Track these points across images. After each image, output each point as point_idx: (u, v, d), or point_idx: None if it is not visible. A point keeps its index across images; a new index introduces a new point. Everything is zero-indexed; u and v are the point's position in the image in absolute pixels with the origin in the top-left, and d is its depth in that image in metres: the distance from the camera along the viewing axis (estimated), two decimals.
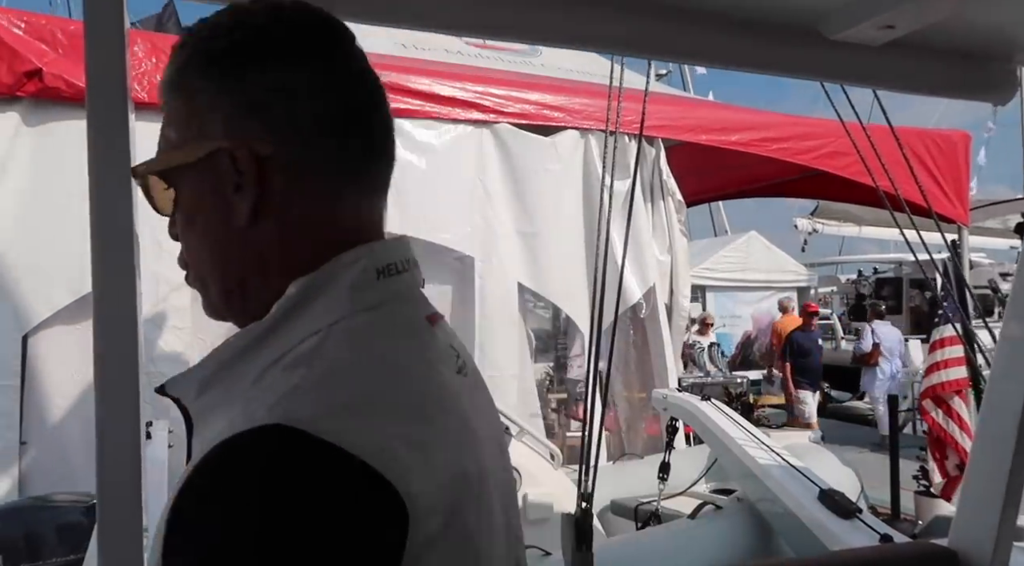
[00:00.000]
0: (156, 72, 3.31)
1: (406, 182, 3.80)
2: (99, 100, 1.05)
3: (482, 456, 0.63)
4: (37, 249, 3.06)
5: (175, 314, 3.23)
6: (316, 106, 0.64)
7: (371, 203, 0.71)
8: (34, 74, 3.07)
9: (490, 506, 0.63)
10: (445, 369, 0.67)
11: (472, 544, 0.59)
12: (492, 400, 0.80)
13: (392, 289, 0.67)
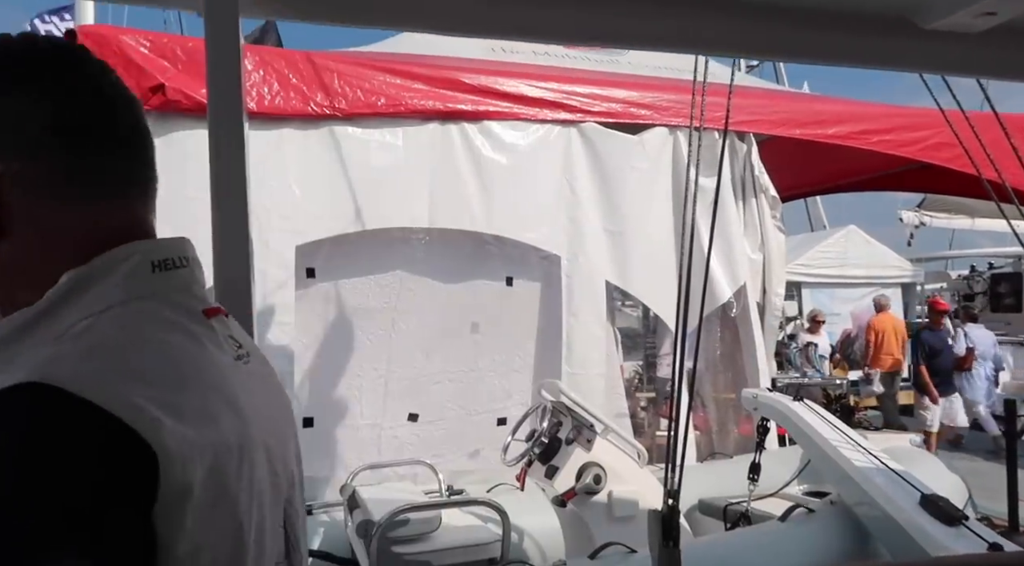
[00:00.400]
0: (264, 84, 3.53)
1: (494, 182, 3.90)
2: (218, 112, 1.15)
3: (248, 431, 0.69)
4: None
5: (281, 309, 3.44)
6: (43, 122, 0.67)
7: (134, 204, 0.76)
8: (158, 89, 3.33)
9: (253, 476, 0.68)
10: (219, 354, 0.73)
11: (231, 505, 0.64)
12: (279, 389, 0.88)
13: (167, 282, 0.72)
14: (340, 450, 3.67)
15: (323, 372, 3.67)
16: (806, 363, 7.92)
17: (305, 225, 3.55)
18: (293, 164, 3.56)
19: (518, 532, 3.09)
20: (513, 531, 2.84)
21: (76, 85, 0.71)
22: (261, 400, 0.77)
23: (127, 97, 0.77)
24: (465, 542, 2.63)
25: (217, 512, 0.64)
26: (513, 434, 3.02)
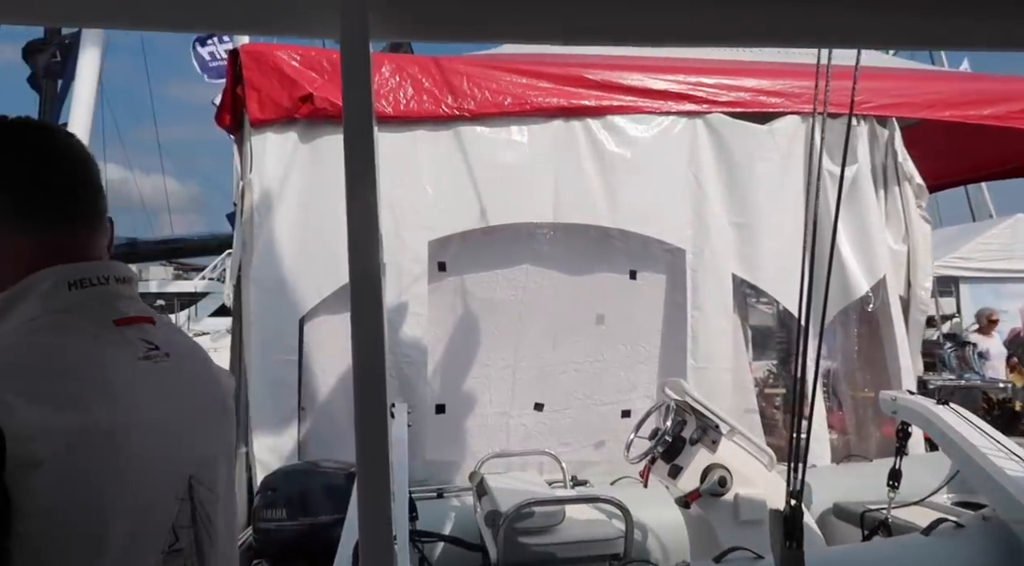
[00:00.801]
0: (399, 89, 3.77)
1: (617, 177, 3.94)
2: (352, 123, 1.26)
3: (129, 418, 0.85)
4: (311, 245, 3.64)
5: (415, 302, 3.67)
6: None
7: (63, 234, 0.94)
8: (307, 98, 3.64)
9: (130, 455, 0.84)
10: (117, 354, 0.89)
11: (93, 478, 0.79)
12: (203, 384, 1.03)
13: (81, 298, 0.90)
14: (470, 437, 3.85)
15: (454, 361, 3.87)
16: (963, 365, 7.32)
17: (436, 221, 3.75)
18: (425, 164, 3.77)
19: (641, 529, 3.12)
20: (637, 528, 2.88)
21: (31, 155, 0.95)
22: (165, 392, 0.93)
23: (76, 159, 0.99)
24: (589, 537, 2.70)
25: (73, 482, 0.78)
26: (636, 431, 3.05)
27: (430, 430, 3.71)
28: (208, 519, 0.96)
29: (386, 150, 3.73)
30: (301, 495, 2.36)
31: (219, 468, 1.01)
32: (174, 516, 0.92)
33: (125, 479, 0.85)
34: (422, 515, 2.98)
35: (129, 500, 0.84)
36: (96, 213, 1.00)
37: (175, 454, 0.93)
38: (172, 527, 0.91)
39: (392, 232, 3.68)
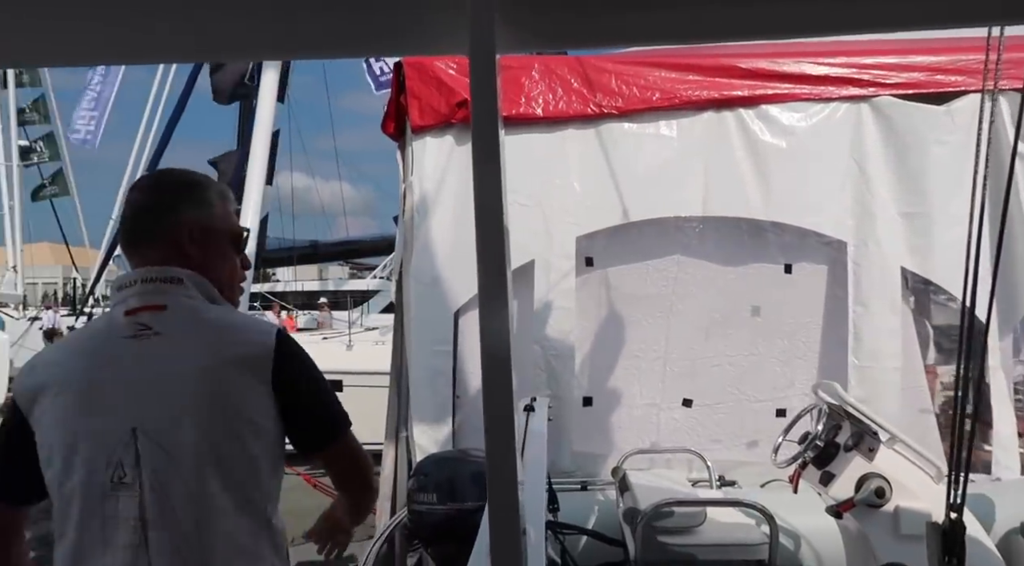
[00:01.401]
0: (549, 91, 3.88)
1: (771, 168, 3.81)
2: (480, 132, 1.35)
3: (92, 374, 1.28)
4: (464, 244, 3.86)
5: (563, 296, 3.78)
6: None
7: (136, 254, 1.41)
8: (462, 104, 3.86)
9: (87, 401, 1.24)
10: (114, 332, 1.32)
11: (48, 418, 1.26)
12: (179, 360, 1.30)
13: (117, 296, 1.36)
14: (617, 430, 3.90)
15: (601, 355, 3.93)
16: None
17: (584, 218, 3.84)
18: (574, 162, 3.86)
19: (789, 537, 3.02)
20: (783, 535, 2.79)
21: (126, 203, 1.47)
22: (141, 361, 1.28)
23: (138, 203, 1.46)
24: (731, 541, 2.65)
25: (42, 422, 1.26)
26: (785, 434, 2.95)
27: (577, 422, 3.80)
28: (155, 471, 1.22)
29: (537, 150, 3.87)
30: (450, 481, 2.44)
31: (178, 430, 1.23)
32: (119, 453, 1.24)
33: (77, 418, 1.26)
34: (566, 507, 3.05)
35: (87, 428, 1.25)
36: (150, 234, 1.41)
37: (124, 405, 1.26)
38: (119, 462, 1.23)
39: (542, 230, 3.82)
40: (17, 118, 23.77)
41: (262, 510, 1.29)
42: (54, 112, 24.45)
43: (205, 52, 1.57)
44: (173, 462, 1.21)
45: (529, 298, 3.81)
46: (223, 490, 1.24)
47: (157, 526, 1.19)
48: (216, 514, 1.23)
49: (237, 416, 1.27)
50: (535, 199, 3.82)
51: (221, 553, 1.23)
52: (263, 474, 1.30)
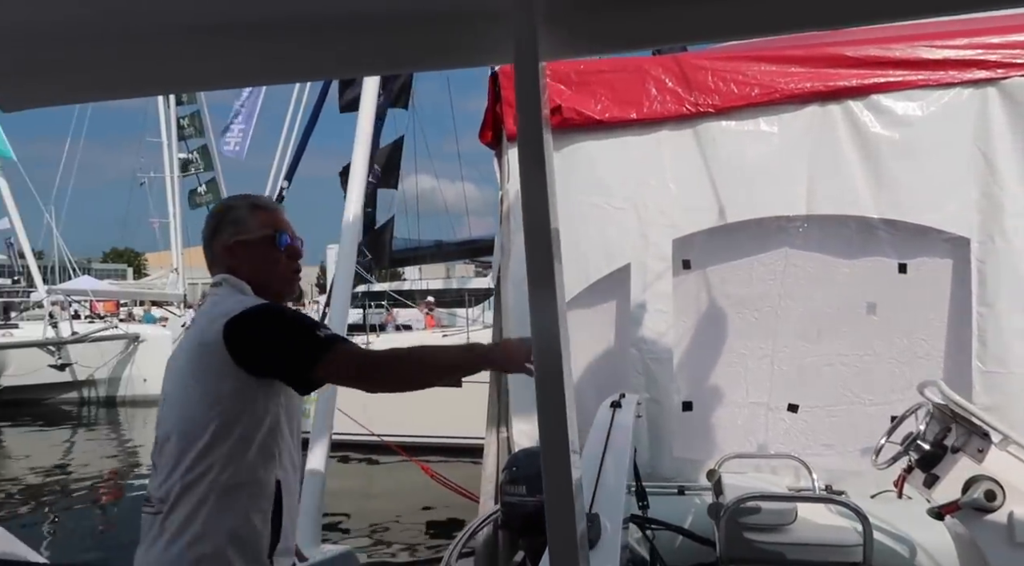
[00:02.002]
0: (643, 92, 3.86)
1: (883, 161, 3.60)
2: (526, 139, 1.39)
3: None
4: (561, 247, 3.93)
5: (659, 299, 3.76)
6: None
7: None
8: (556, 110, 3.93)
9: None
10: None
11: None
12: (192, 341, 1.65)
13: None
14: (719, 435, 3.83)
15: (702, 358, 3.88)
16: None
17: (681, 219, 3.79)
18: (670, 163, 3.83)
19: (888, 540, 2.87)
20: (882, 538, 2.67)
21: None
22: (181, 344, 1.70)
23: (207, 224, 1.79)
24: (822, 540, 2.57)
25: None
26: (889, 435, 2.81)
27: (676, 427, 3.77)
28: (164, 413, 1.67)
29: (631, 153, 3.87)
30: (538, 474, 2.56)
31: (172, 382, 1.67)
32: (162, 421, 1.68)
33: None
34: (662, 510, 3.06)
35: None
36: (208, 258, 1.76)
37: (168, 375, 1.68)
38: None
39: (637, 232, 3.81)
40: (177, 133, 26.21)
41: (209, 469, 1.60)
42: (208, 126, 26.75)
43: (277, 74, 1.74)
44: (166, 405, 1.67)
45: (625, 301, 3.83)
46: (187, 456, 1.59)
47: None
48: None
49: (195, 388, 1.62)
50: (630, 202, 3.82)
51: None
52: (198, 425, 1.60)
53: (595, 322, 3.92)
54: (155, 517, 1.55)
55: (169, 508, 1.54)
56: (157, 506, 1.56)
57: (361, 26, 1.36)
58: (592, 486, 2.30)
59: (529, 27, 1.35)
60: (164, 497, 1.55)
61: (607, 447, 2.44)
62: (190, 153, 26.60)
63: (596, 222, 3.86)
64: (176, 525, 1.53)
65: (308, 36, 1.38)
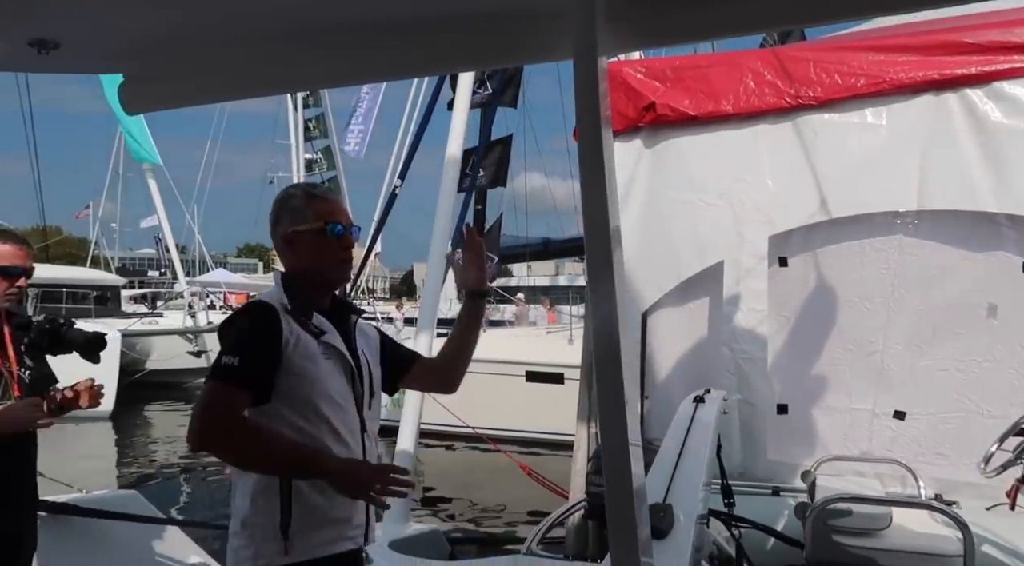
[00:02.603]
0: (740, 85, 3.77)
1: (1006, 153, 3.35)
2: (586, 133, 1.42)
3: None
4: (653, 245, 3.91)
5: (753, 297, 3.67)
6: None
7: None
8: (650, 107, 3.91)
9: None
10: None
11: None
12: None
13: None
14: (818, 438, 3.69)
15: (799, 359, 3.75)
16: None
17: (778, 215, 3.68)
18: (767, 158, 3.73)
19: (1000, 553, 2.68)
20: (992, 551, 2.50)
21: None
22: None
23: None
24: (918, 548, 2.45)
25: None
26: (1001, 443, 2.63)
27: (771, 429, 3.67)
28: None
29: (726, 148, 3.80)
30: None
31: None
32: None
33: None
34: (754, 511, 3.01)
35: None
36: (274, 241, 1.82)
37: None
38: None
39: (731, 229, 3.74)
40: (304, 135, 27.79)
41: None
42: (331, 128, 28.20)
43: (365, 74, 1.85)
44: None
45: (717, 299, 3.76)
46: None
47: None
48: None
49: None
50: (724, 198, 3.75)
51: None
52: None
53: (685, 320, 3.88)
54: None
55: None
56: None
57: (433, 27, 1.45)
58: (668, 478, 2.31)
59: (588, 23, 1.38)
60: None
61: (686, 441, 2.43)
62: (315, 153, 28.13)
63: (688, 219, 3.81)
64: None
65: (389, 38, 1.49)
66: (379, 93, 24.07)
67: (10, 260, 2.25)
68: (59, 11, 1.37)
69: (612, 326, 1.41)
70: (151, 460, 10.50)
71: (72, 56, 1.52)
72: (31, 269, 2.31)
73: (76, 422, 10.84)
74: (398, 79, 8.95)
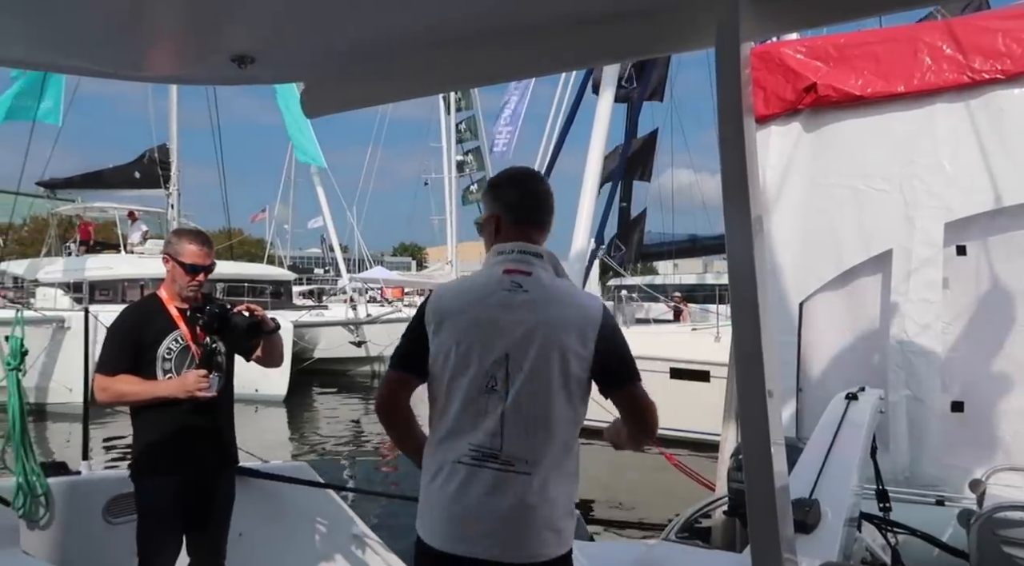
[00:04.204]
0: (913, 63, 3.52)
1: None
2: (727, 119, 1.40)
3: (480, 313, 1.72)
4: (813, 233, 3.74)
5: (925, 288, 3.41)
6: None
7: (514, 230, 1.83)
8: (810, 88, 3.74)
9: (474, 327, 1.72)
10: (492, 286, 1.74)
11: (447, 334, 1.72)
12: (534, 307, 1.73)
13: (497, 259, 1.78)
14: (997, 442, 3.37)
15: (978, 355, 3.44)
16: None
17: (956, 201, 3.41)
18: (944, 139, 3.46)
19: None
20: None
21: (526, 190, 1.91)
22: (508, 307, 1.72)
23: (542, 197, 1.91)
24: None
25: (441, 335, 1.72)
26: None
27: (941, 430, 3.40)
28: (514, 379, 1.70)
29: (896, 130, 3.57)
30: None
31: (529, 352, 1.70)
32: (494, 369, 1.70)
33: (468, 339, 1.72)
34: (916, 519, 2.81)
35: (469, 349, 1.71)
36: (540, 220, 1.86)
37: (498, 337, 1.71)
38: (494, 374, 1.70)
39: (901, 216, 3.50)
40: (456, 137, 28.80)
41: (574, 416, 1.75)
42: (481, 129, 29.00)
43: (513, 71, 1.95)
44: (530, 379, 1.71)
45: (884, 290, 3.54)
46: (562, 401, 1.73)
47: (511, 420, 1.69)
48: (553, 413, 1.72)
49: (565, 358, 1.73)
50: (894, 183, 3.52)
51: (552, 439, 1.71)
52: (576, 396, 1.74)
53: (847, 312, 3.68)
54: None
55: None
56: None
57: (575, 22, 1.50)
58: (814, 476, 2.23)
59: (731, 9, 1.38)
60: None
61: (835, 439, 2.34)
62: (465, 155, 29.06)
63: (853, 206, 3.61)
64: None
65: (535, 36, 1.56)
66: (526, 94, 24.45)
67: (194, 259, 2.58)
68: (256, 29, 1.57)
69: (753, 320, 1.37)
70: (317, 437, 11.41)
71: (264, 69, 1.73)
72: (212, 266, 2.64)
73: (256, 406, 12.06)
74: (549, 75, 9.07)
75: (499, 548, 1.66)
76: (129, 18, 1.48)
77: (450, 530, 1.68)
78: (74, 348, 12.21)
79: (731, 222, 1.36)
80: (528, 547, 1.67)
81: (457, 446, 1.70)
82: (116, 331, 2.54)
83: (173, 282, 2.60)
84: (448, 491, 1.69)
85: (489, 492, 1.66)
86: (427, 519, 1.72)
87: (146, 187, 19.34)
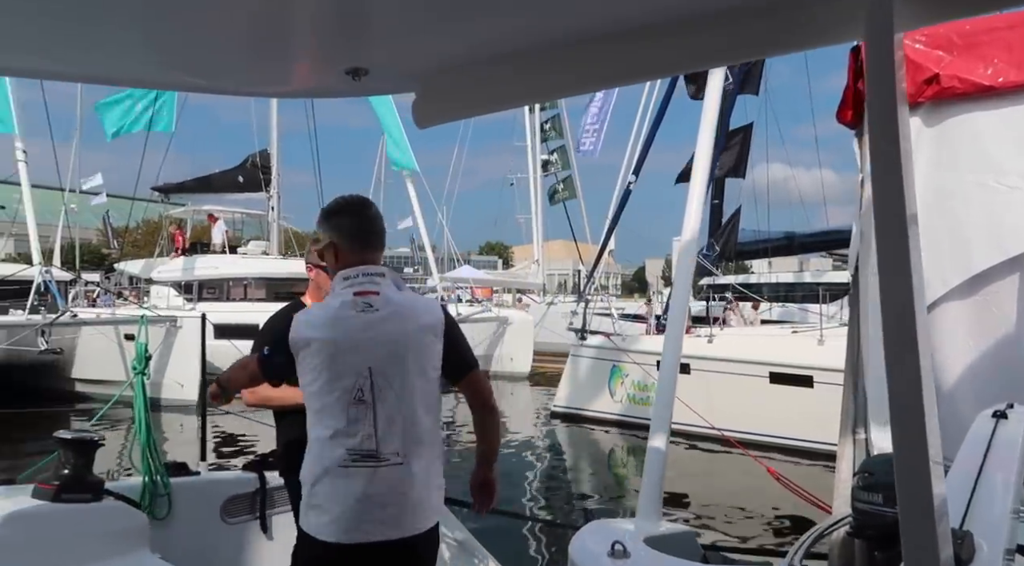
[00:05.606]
0: None
1: None
2: (876, 113, 1.30)
3: (336, 335, 2.01)
4: (937, 234, 3.48)
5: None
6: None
7: (357, 255, 2.14)
8: (932, 80, 3.49)
9: (337, 352, 2.01)
10: (350, 310, 2.02)
11: (314, 357, 2.03)
12: (388, 322, 2.04)
13: (344, 284, 2.07)
14: None
15: None
16: None
17: None
18: None
19: None
20: None
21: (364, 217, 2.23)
22: (364, 327, 2.01)
23: (377, 224, 2.24)
24: None
25: (307, 358, 2.02)
26: None
27: None
28: (382, 392, 2.00)
29: None
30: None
31: (389, 361, 2.00)
32: (360, 382, 1.99)
33: (334, 360, 1.99)
34: None
35: (336, 369, 1.99)
36: (380, 244, 2.18)
37: (359, 354, 1.99)
38: (360, 387, 1.98)
39: None
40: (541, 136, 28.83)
41: (436, 419, 2.12)
42: (566, 128, 28.92)
43: (639, 73, 1.88)
44: (392, 385, 2.01)
45: (1020, 296, 3.26)
46: (421, 406, 2.06)
47: (382, 423, 1.99)
48: (417, 410, 2.04)
49: (420, 360, 2.06)
50: None
51: (418, 430, 2.03)
52: (434, 390, 2.10)
53: (978, 320, 3.41)
54: None
55: None
56: None
57: (713, 19, 1.43)
58: (964, 503, 2.06)
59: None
60: None
61: (985, 461, 2.15)
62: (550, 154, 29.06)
63: (983, 204, 3.34)
64: None
65: (665, 36, 1.49)
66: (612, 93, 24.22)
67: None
68: (370, 42, 1.58)
69: (909, 325, 1.27)
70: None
71: (377, 81, 1.74)
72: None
73: None
74: (685, 73, 8.69)
75: (387, 530, 1.97)
76: (253, 40, 1.52)
77: (340, 524, 1.95)
78: (186, 346, 12.94)
79: (883, 220, 1.26)
80: (409, 523, 2.00)
81: (336, 453, 1.97)
82: (264, 335, 2.64)
83: (318, 289, 2.70)
84: (336, 490, 1.96)
85: (371, 485, 1.96)
86: (313, 517, 1.99)
87: (249, 191, 20.36)
